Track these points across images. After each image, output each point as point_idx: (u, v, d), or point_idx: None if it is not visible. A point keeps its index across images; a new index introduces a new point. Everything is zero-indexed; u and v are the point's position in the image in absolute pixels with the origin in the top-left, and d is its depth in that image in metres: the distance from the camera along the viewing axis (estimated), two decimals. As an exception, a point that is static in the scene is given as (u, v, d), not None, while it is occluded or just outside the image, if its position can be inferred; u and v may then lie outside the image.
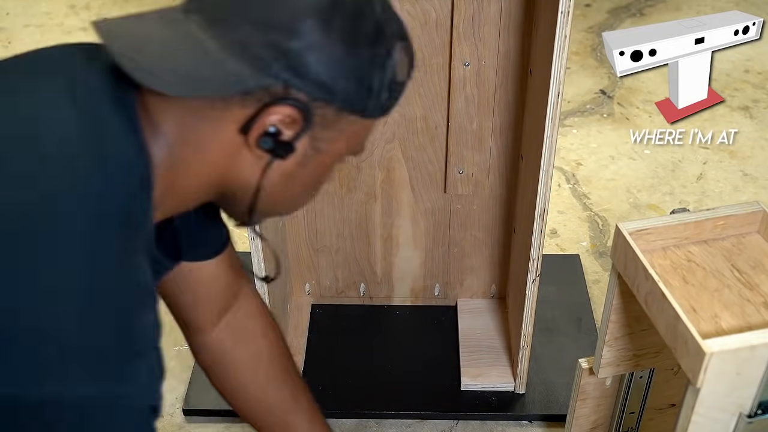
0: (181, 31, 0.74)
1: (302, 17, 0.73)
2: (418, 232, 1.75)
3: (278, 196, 0.83)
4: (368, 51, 0.76)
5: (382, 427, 1.64)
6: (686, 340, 0.97)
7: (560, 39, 1.22)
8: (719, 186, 2.27)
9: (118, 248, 0.71)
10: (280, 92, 0.74)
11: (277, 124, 0.75)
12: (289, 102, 0.74)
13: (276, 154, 0.77)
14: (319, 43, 0.73)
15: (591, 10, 3.08)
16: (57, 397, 0.66)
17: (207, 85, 0.73)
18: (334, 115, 0.77)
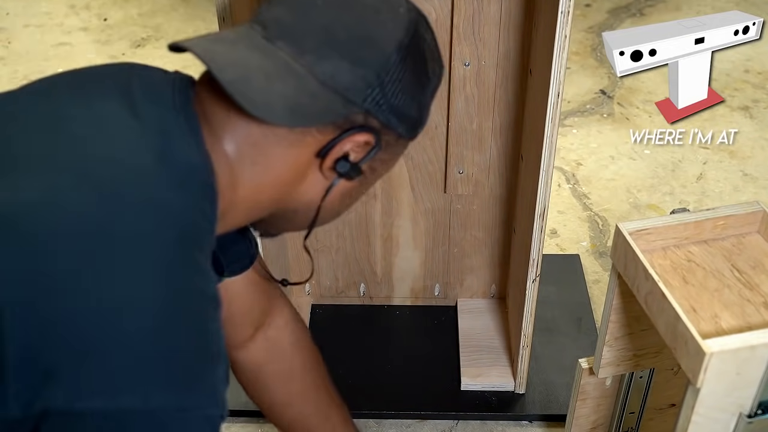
0: (277, 61, 0.77)
1: (390, 52, 0.78)
2: (418, 232, 1.75)
3: (331, 212, 0.89)
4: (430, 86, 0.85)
5: (382, 427, 1.64)
6: (686, 340, 0.97)
7: (560, 39, 1.22)
8: (719, 186, 2.27)
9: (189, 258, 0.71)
10: (360, 120, 0.80)
11: (350, 150, 0.81)
12: (367, 130, 0.80)
13: (343, 175, 0.83)
14: (399, 76, 0.79)
15: (591, 10, 3.08)
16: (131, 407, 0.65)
17: (308, 117, 0.77)
18: (395, 140, 0.85)
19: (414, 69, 0.81)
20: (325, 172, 0.82)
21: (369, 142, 0.82)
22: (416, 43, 0.82)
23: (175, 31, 2.84)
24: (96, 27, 2.98)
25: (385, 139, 0.83)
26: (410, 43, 0.80)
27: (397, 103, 0.80)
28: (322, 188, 0.84)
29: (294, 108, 0.76)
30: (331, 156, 0.81)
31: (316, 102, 0.76)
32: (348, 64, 0.77)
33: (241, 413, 1.62)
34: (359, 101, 0.78)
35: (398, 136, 0.84)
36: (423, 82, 0.84)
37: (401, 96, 0.80)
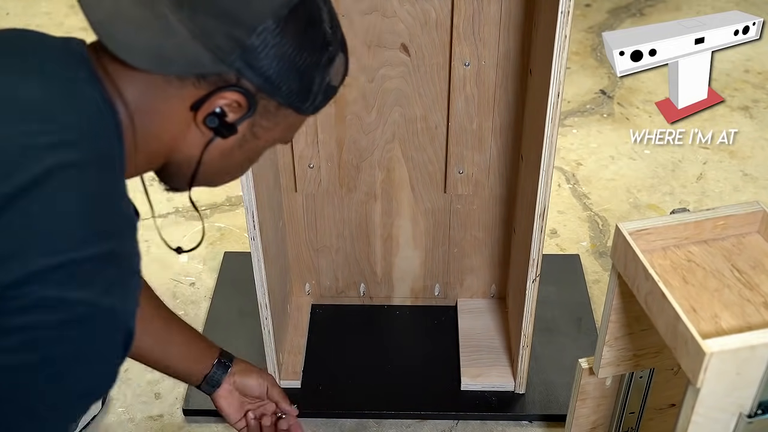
0: (153, 11, 0.82)
1: (263, 18, 0.82)
2: (418, 232, 1.75)
3: (215, 170, 0.93)
4: (314, 57, 0.87)
5: (382, 427, 1.64)
6: (686, 340, 0.97)
7: (560, 39, 1.22)
8: (719, 186, 2.27)
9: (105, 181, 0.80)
10: (232, 80, 0.83)
11: (224, 106, 0.85)
12: (239, 90, 0.84)
13: (218, 133, 0.87)
14: (274, 43, 0.83)
15: (591, 10, 3.08)
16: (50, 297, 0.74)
17: (171, 65, 0.82)
18: (275, 108, 0.88)
19: (296, 38, 0.84)
20: (200, 128, 0.87)
21: (241, 103, 0.85)
22: (303, 13, 0.85)
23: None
24: (96, 27, 2.98)
25: (261, 103, 0.86)
26: (294, 12, 0.83)
27: (270, 69, 0.84)
28: (201, 144, 0.88)
29: (159, 55, 0.81)
30: (203, 110, 0.85)
31: (182, 53, 0.81)
32: (221, 23, 0.81)
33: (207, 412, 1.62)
34: (228, 60, 0.82)
35: (278, 104, 0.87)
36: (308, 52, 0.86)
37: (277, 63, 0.84)
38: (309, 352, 1.73)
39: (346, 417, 1.64)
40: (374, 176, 1.67)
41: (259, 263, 1.45)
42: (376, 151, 1.63)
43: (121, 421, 1.64)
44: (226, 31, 0.81)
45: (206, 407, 1.64)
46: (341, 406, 1.64)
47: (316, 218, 1.72)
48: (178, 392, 1.70)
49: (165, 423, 1.65)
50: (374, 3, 1.45)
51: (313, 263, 1.80)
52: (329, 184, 1.67)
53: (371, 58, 1.51)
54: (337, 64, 0.90)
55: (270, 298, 1.51)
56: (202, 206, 2.16)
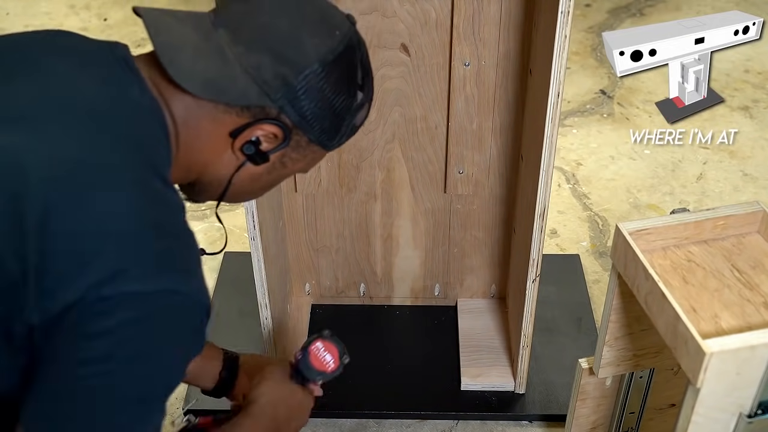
0: (212, 42, 0.89)
1: (310, 62, 0.90)
2: (418, 232, 1.75)
3: (241, 191, 1.00)
4: (347, 101, 0.95)
5: (382, 427, 1.64)
6: (686, 340, 0.97)
7: (560, 39, 1.22)
8: (719, 186, 2.27)
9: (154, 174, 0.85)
10: (273, 114, 0.91)
11: (261, 136, 0.93)
12: (277, 124, 0.91)
13: (251, 159, 0.94)
14: (316, 85, 0.91)
15: (591, 10, 3.08)
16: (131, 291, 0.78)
17: (222, 94, 0.89)
18: (306, 143, 0.96)
19: (336, 83, 0.92)
20: (236, 152, 0.93)
21: (277, 135, 0.93)
22: (344, 63, 0.93)
23: (175, 31, 2.84)
24: (96, 27, 2.98)
25: (295, 138, 0.94)
26: (337, 60, 0.92)
27: (309, 108, 0.92)
28: (233, 166, 0.95)
29: (211, 83, 0.88)
30: (241, 138, 0.92)
31: (233, 85, 0.89)
32: (271, 61, 0.89)
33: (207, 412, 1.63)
34: (273, 96, 0.89)
35: (309, 140, 0.95)
36: (343, 98, 0.94)
37: (316, 103, 0.92)
38: (309, 352, 1.73)
39: (346, 417, 1.64)
40: (374, 176, 1.67)
41: (259, 263, 1.45)
42: (376, 151, 1.63)
43: (121, 421, 1.64)
44: (275, 70, 0.89)
45: (206, 407, 1.64)
46: (341, 406, 1.64)
47: (316, 218, 1.72)
48: (179, 392, 1.69)
49: (165, 423, 1.64)
50: (374, 3, 1.45)
51: (313, 263, 1.80)
52: (329, 184, 1.67)
53: (371, 58, 1.49)
54: (365, 106, 0.99)
55: (270, 298, 1.51)
56: (203, 207, 2.16)
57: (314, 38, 0.91)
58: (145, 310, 0.79)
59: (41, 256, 0.76)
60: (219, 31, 0.90)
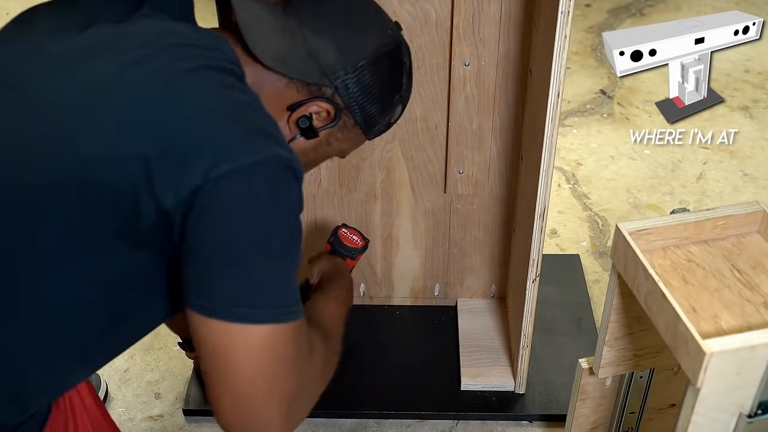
0: (284, 25, 1.00)
1: (366, 54, 1.02)
2: (418, 232, 1.75)
3: None
4: (390, 95, 1.07)
5: (382, 427, 1.64)
6: (686, 340, 0.97)
7: (560, 39, 1.22)
8: (719, 186, 2.27)
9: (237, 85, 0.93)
10: (328, 93, 1.01)
11: (314, 113, 1.02)
12: (331, 102, 1.02)
13: (303, 133, 1.03)
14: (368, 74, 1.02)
15: (591, 10, 3.08)
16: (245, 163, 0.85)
17: (288, 68, 0.99)
18: (351, 125, 1.06)
19: (383, 79, 1.04)
20: (290, 125, 1.02)
21: (330, 113, 1.03)
22: (392, 61, 1.06)
23: (175, 31, 2.84)
24: (96, 27, 2.98)
25: (343, 118, 1.04)
26: (387, 58, 1.04)
27: (360, 95, 1.03)
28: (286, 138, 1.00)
29: (280, 58, 0.99)
30: (298, 112, 1.01)
31: (299, 61, 0.99)
32: (334, 48, 1.00)
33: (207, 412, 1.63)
34: (331, 78, 1.00)
35: (354, 123, 1.05)
36: (388, 93, 1.07)
37: (366, 91, 1.03)
38: (309, 352, 1.73)
39: (346, 417, 1.64)
40: (374, 176, 1.67)
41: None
42: (376, 151, 1.63)
43: (121, 421, 1.64)
44: (337, 56, 1.00)
45: (206, 407, 1.64)
46: (341, 406, 1.64)
47: (316, 218, 1.72)
48: (178, 392, 1.70)
49: (165, 423, 1.65)
50: (374, 3, 1.45)
51: (313, 263, 1.79)
52: (329, 184, 1.67)
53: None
54: (400, 106, 1.10)
55: (270, 298, 1.51)
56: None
57: (371, 33, 1.04)
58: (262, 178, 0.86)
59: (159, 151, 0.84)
60: (289, 16, 1.01)
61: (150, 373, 1.73)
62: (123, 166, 0.84)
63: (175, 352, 1.76)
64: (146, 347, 1.78)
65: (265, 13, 1.01)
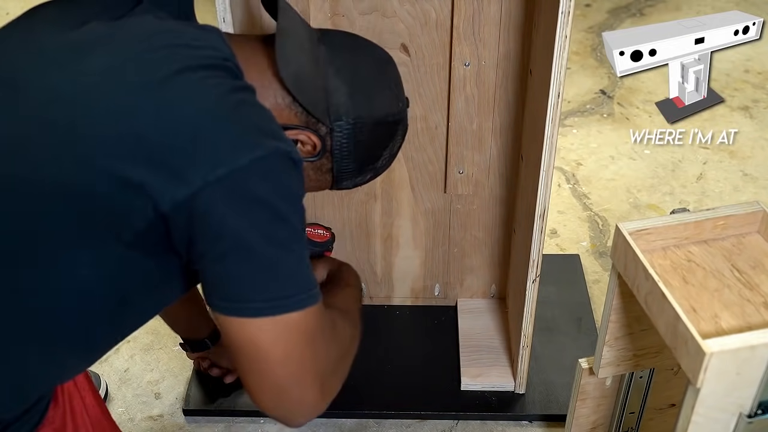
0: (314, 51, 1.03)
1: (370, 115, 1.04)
2: (418, 232, 1.75)
3: None
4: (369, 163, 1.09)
5: (382, 427, 1.64)
6: (686, 340, 0.97)
7: (560, 39, 1.22)
8: (719, 186, 2.27)
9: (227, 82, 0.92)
10: (322, 131, 1.02)
11: (301, 141, 1.02)
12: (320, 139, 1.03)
13: None
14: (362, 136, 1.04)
15: (591, 10, 3.08)
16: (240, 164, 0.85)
17: (300, 93, 1.00)
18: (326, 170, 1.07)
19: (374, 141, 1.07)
20: None
21: (315, 149, 1.03)
22: (389, 132, 1.08)
23: (175, 31, 2.84)
24: (96, 27, 2.98)
25: (323, 160, 1.05)
26: (386, 127, 1.07)
27: (349, 146, 1.04)
28: None
29: (299, 80, 0.99)
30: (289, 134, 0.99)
31: (312, 92, 1.00)
32: (347, 93, 1.02)
33: (207, 412, 1.63)
34: (332, 118, 1.02)
35: (329, 169, 1.07)
36: (371, 157, 1.09)
37: (355, 145, 1.05)
38: (309, 352, 1.73)
39: (346, 417, 1.64)
40: (374, 176, 1.67)
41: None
42: (376, 151, 1.63)
43: (121, 421, 1.64)
44: (346, 102, 1.02)
45: (206, 407, 1.65)
46: (341, 406, 1.64)
47: (316, 218, 1.72)
48: (178, 392, 1.70)
49: (165, 423, 1.65)
50: (374, 3, 1.45)
51: (313, 263, 1.79)
52: (329, 184, 1.67)
53: (371, 58, 1.51)
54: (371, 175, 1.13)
55: (270, 298, 1.51)
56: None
57: (384, 99, 1.06)
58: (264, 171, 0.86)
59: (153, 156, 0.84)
60: (322, 46, 1.04)
61: (150, 373, 1.73)
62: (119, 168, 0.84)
63: (175, 352, 1.76)
64: (146, 347, 1.78)
65: (303, 31, 1.03)
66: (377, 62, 1.09)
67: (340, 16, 1.46)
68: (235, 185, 0.84)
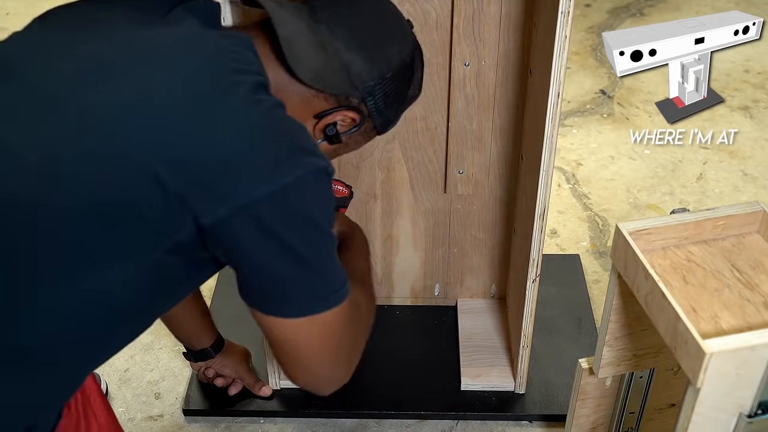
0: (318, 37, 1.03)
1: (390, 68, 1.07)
2: (418, 232, 1.75)
3: None
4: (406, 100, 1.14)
5: (382, 427, 1.64)
6: (686, 340, 0.97)
7: (560, 39, 1.22)
8: (719, 186, 2.27)
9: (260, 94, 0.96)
10: (354, 102, 1.06)
11: (340, 120, 1.07)
12: (357, 111, 1.07)
13: (328, 139, 1.09)
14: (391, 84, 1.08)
15: (591, 10, 3.08)
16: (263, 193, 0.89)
17: (321, 82, 1.03)
18: (371, 128, 1.12)
19: (401, 84, 1.10)
20: (316, 132, 1.08)
21: (355, 120, 1.08)
22: (410, 68, 1.11)
23: (175, 31, 2.84)
24: (96, 27, 2.98)
25: (365, 124, 1.10)
26: (407, 66, 1.10)
27: (383, 101, 1.08)
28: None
29: (319, 76, 1.02)
30: (325, 120, 1.06)
31: (332, 76, 1.03)
32: (363, 59, 1.04)
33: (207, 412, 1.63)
34: (360, 88, 1.05)
35: (373, 126, 1.12)
36: (403, 96, 1.13)
37: (387, 98, 1.08)
38: (309, 352, 1.73)
39: (346, 417, 1.64)
40: (374, 176, 1.67)
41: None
42: (375, 151, 1.63)
43: (121, 421, 1.63)
44: (364, 68, 1.04)
45: (206, 407, 1.64)
46: (341, 406, 1.64)
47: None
48: (178, 392, 1.70)
49: (165, 423, 1.65)
50: (374, 3, 1.45)
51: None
52: (329, 184, 1.67)
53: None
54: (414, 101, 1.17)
55: (270, 298, 1.51)
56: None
57: (394, 44, 1.08)
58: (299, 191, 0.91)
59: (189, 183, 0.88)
60: (321, 26, 1.04)
61: (150, 373, 1.73)
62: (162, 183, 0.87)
63: (176, 351, 1.76)
64: (146, 347, 1.78)
65: (300, 25, 1.03)
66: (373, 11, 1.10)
67: (340, 16, 1.46)
68: (280, 201, 0.89)
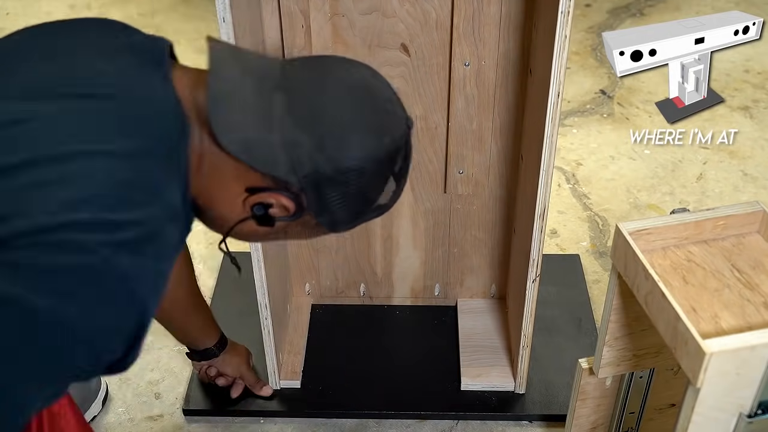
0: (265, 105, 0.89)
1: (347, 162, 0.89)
2: (418, 232, 1.75)
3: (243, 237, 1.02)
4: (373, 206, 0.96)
5: (382, 427, 1.64)
6: (686, 340, 0.97)
7: (560, 39, 1.22)
8: (719, 186, 2.27)
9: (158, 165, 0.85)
10: (293, 189, 0.90)
11: (274, 203, 0.92)
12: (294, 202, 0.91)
13: (256, 219, 0.94)
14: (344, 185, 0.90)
15: (591, 10, 3.08)
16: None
17: (252, 158, 0.88)
18: (314, 224, 0.96)
19: (364, 188, 0.92)
20: (245, 205, 0.93)
21: (289, 210, 0.93)
22: (381, 169, 0.93)
23: (175, 30, 2.84)
24: (96, 27, 2.98)
25: (305, 217, 0.94)
26: (375, 167, 0.91)
27: (330, 200, 0.92)
28: (237, 216, 0.94)
29: (247, 145, 0.88)
30: (256, 197, 0.92)
31: (267, 152, 0.88)
32: (312, 145, 0.88)
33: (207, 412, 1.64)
34: (300, 177, 0.89)
35: (318, 223, 0.95)
36: (365, 201, 0.95)
37: (339, 199, 0.92)
38: (309, 352, 1.73)
39: (346, 417, 1.64)
40: (374, 176, 1.66)
41: (259, 263, 1.45)
42: (376, 151, 1.63)
43: (121, 421, 1.64)
44: (311, 155, 0.88)
45: (206, 407, 1.64)
46: (341, 406, 1.64)
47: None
48: (178, 392, 1.70)
49: (165, 423, 1.64)
50: (374, 3, 1.45)
51: (313, 263, 1.80)
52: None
53: (371, 58, 1.51)
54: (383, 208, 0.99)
55: (270, 299, 1.51)
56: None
57: (362, 138, 0.91)
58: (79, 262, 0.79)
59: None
60: (277, 94, 0.90)
61: (150, 373, 1.73)
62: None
63: (175, 352, 1.76)
64: (146, 347, 1.78)
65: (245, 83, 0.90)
66: (351, 93, 0.92)
67: (340, 16, 1.46)
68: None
